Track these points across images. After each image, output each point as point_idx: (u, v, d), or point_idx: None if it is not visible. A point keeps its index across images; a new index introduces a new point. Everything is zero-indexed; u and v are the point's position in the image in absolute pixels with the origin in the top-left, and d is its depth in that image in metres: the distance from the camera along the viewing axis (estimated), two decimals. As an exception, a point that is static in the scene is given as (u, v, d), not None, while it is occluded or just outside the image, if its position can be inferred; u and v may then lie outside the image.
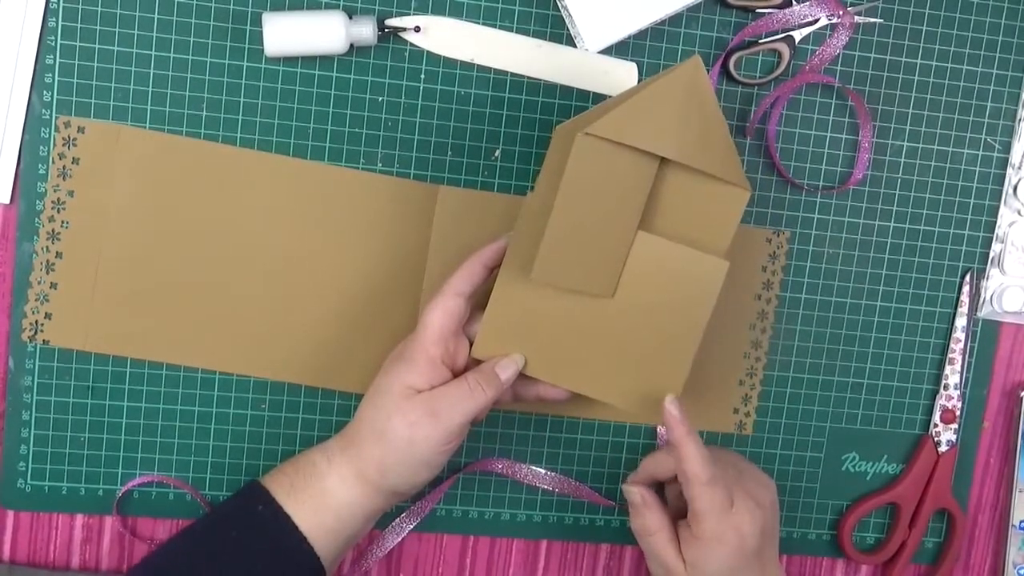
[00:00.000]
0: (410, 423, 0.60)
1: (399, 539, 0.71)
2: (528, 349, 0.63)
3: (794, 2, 0.70)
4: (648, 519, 0.63)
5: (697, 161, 0.58)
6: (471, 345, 0.63)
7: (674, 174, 0.60)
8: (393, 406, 0.60)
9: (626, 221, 0.60)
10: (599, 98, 0.70)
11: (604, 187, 0.58)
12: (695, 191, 0.60)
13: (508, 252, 0.62)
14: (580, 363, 0.63)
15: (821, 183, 0.72)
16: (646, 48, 0.70)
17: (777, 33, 0.70)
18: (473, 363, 0.64)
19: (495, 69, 0.69)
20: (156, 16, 0.66)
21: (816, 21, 0.70)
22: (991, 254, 0.74)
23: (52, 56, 0.65)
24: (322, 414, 0.70)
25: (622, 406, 0.64)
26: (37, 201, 0.66)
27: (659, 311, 0.62)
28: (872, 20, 0.71)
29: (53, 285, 0.67)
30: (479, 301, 0.64)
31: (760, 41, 0.70)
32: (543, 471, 0.72)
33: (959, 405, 0.75)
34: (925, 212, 0.73)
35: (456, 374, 0.63)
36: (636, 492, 0.64)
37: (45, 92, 0.66)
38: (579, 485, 0.72)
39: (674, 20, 0.69)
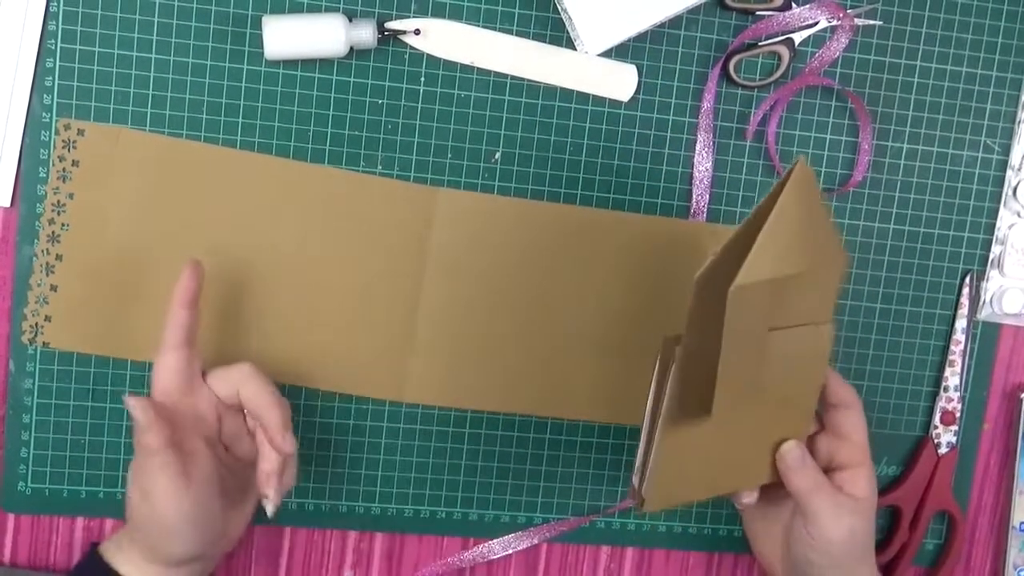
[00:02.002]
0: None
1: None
2: (690, 483, 0.64)
3: (794, 5, 0.70)
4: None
5: (819, 259, 0.58)
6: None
7: None
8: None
9: (765, 330, 0.60)
10: (599, 100, 0.70)
11: (755, 318, 0.58)
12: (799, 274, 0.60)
13: (668, 403, 0.61)
14: (728, 467, 0.64)
15: (821, 185, 0.72)
16: (646, 50, 0.70)
17: (777, 36, 0.70)
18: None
19: (495, 72, 0.69)
20: (156, 19, 0.66)
21: (816, 24, 0.70)
22: (991, 256, 0.74)
23: (52, 59, 0.65)
24: (322, 416, 0.70)
25: (766, 480, 0.66)
26: (37, 204, 0.66)
27: (785, 385, 0.63)
28: (872, 23, 0.71)
29: (53, 287, 0.67)
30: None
31: (760, 44, 0.70)
32: (511, 537, 0.73)
33: (959, 407, 0.75)
34: (925, 214, 0.73)
35: (201, 416, 0.63)
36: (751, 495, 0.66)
37: (45, 95, 0.66)
38: (552, 525, 0.73)
39: (674, 22, 0.69)
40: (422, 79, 0.68)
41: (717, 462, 0.64)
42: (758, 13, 0.70)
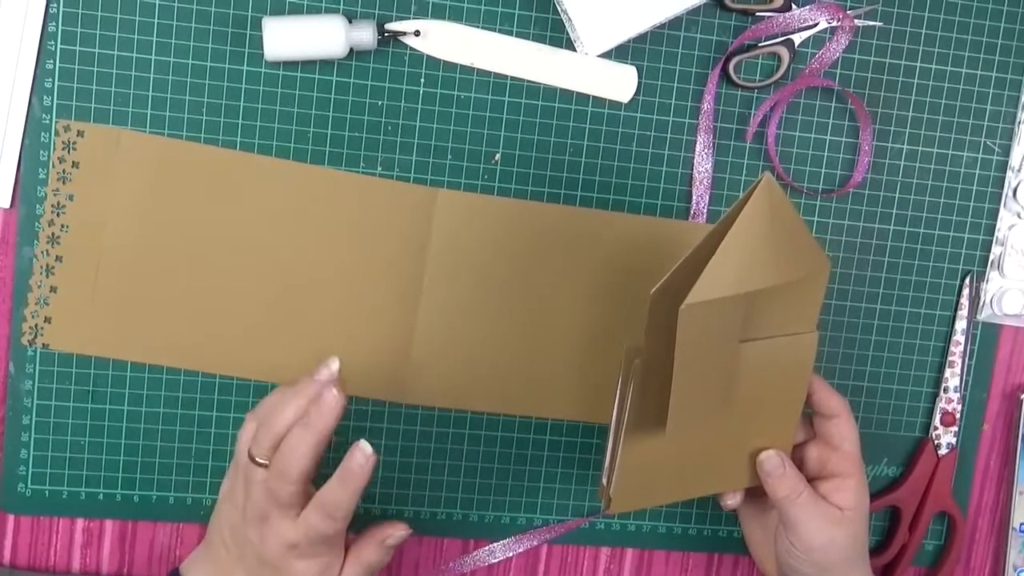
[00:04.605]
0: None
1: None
2: (659, 487, 0.65)
3: (794, 6, 0.70)
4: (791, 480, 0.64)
5: (789, 274, 0.58)
6: None
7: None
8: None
9: (732, 345, 0.60)
10: (599, 101, 0.70)
11: (711, 335, 0.58)
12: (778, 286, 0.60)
13: (629, 413, 0.62)
14: (702, 471, 0.65)
15: (821, 186, 0.72)
16: (646, 51, 0.70)
17: (777, 37, 0.70)
18: None
19: (495, 73, 0.69)
20: (156, 20, 0.66)
21: (816, 25, 0.70)
22: (991, 257, 0.74)
23: (52, 60, 0.65)
24: (322, 418, 0.70)
25: (746, 484, 0.66)
26: (37, 205, 0.66)
27: (763, 395, 0.63)
28: (872, 24, 0.71)
29: (53, 289, 0.67)
30: None
31: (760, 45, 0.70)
32: (511, 540, 0.73)
33: (959, 408, 0.75)
34: (925, 215, 0.73)
35: None
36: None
37: (45, 96, 0.66)
38: (552, 527, 0.73)
39: (674, 23, 0.69)
40: (422, 80, 0.68)
41: (686, 467, 0.64)
42: (758, 14, 0.70)
